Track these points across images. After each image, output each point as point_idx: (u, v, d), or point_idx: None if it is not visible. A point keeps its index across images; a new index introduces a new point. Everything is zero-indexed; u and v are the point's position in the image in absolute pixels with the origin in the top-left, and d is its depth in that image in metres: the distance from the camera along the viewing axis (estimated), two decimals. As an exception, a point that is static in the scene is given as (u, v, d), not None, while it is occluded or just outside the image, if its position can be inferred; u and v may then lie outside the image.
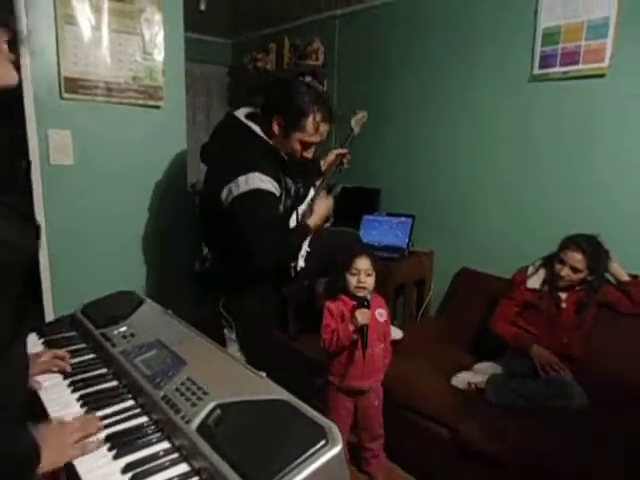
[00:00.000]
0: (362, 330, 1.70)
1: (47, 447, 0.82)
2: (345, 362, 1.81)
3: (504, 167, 2.51)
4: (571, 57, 2.19)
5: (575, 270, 1.96)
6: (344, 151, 1.95)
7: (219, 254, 1.79)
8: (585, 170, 2.22)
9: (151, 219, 2.22)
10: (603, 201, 2.17)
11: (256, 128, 1.69)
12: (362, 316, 1.70)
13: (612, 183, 2.14)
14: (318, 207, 1.81)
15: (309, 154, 1.74)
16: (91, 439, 0.88)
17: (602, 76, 2.11)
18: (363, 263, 1.79)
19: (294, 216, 1.82)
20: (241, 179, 1.59)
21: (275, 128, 1.67)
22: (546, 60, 2.28)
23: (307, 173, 1.92)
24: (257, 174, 1.59)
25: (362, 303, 1.73)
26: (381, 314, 1.85)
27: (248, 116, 1.74)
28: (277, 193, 1.67)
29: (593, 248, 1.96)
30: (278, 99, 1.69)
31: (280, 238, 1.66)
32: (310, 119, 1.64)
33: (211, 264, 1.81)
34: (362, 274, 1.78)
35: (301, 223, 1.79)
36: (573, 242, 1.98)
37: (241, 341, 1.77)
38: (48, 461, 0.81)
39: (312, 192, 1.88)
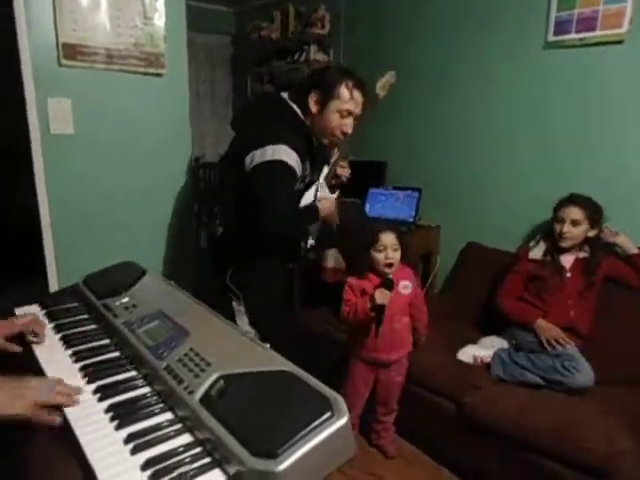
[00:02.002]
0: (378, 309, 1.69)
1: None
2: (367, 333, 1.80)
3: (516, 138, 2.44)
4: (588, 23, 2.10)
5: (575, 223, 1.97)
6: (344, 165, 1.93)
7: (232, 223, 1.79)
8: (602, 142, 2.15)
9: (154, 190, 2.18)
10: (619, 173, 2.11)
11: (296, 107, 1.72)
12: (381, 296, 1.68)
13: (629, 155, 2.07)
14: (333, 202, 1.80)
15: (348, 128, 1.73)
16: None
17: (620, 42, 2.02)
18: (389, 238, 1.76)
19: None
20: (269, 148, 1.59)
21: (312, 105, 1.70)
22: (561, 26, 2.19)
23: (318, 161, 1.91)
24: (285, 147, 1.60)
25: (385, 283, 1.70)
26: (406, 286, 1.81)
27: (289, 97, 1.76)
28: (298, 172, 1.67)
29: (587, 201, 2.00)
30: (310, 78, 1.76)
31: (292, 213, 1.66)
32: (343, 85, 1.67)
33: (222, 234, 1.80)
34: (389, 249, 1.76)
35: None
36: (566, 200, 2.04)
37: (250, 314, 1.76)
38: None
39: (315, 185, 1.85)
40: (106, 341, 1.14)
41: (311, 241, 1.85)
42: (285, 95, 1.76)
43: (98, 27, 1.87)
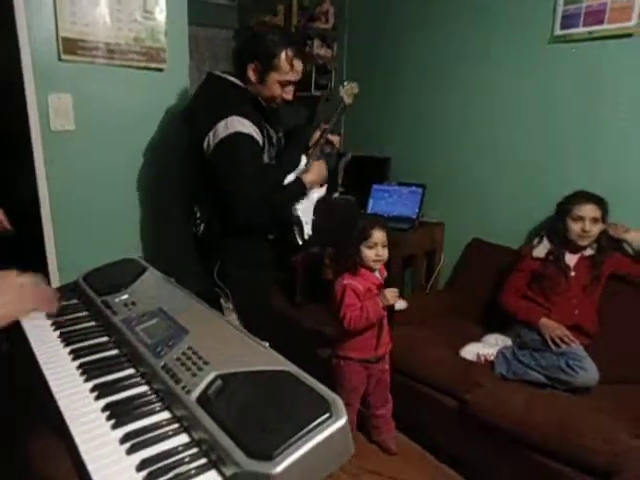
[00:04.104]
0: (390, 309, 1.72)
1: None
2: (366, 335, 1.80)
3: (521, 134, 2.41)
4: (596, 16, 2.07)
5: (596, 221, 1.94)
6: (326, 126, 1.86)
7: (209, 216, 1.74)
8: (608, 137, 2.11)
9: (155, 185, 2.17)
10: (625, 169, 2.07)
11: (232, 78, 1.70)
12: (391, 295, 1.71)
13: (636, 150, 2.04)
14: (313, 166, 1.77)
15: (289, 95, 1.73)
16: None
17: (629, 36, 1.99)
18: (380, 235, 1.75)
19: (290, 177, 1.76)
20: (220, 124, 1.57)
21: (250, 75, 1.67)
22: (569, 20, 2.16)
23: (295, 139, 1.89)
24: (236, 117, 1.57)
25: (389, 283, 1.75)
26: (385, 278, 1.86)
27: (225, 72, 1.75)
28: (259, 140, 1.64)
29: (599, 198, 1.96)
30: (248, 47, 1.69)
31: (265, 191, 1.61)
32: (283, 56, 1.64)
33: (203, 228, 1.75)
34: (379, 247, 1.75)
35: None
36: (580, 197, 1.98)
37: (239, 310, 1.74)
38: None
39: (302, 164, 1.81)
40: (104, 339, 1.13)
41: (308, 230, 1.78)
42: (219, 73, 1.74)
43: (98, 21, 1.85)
